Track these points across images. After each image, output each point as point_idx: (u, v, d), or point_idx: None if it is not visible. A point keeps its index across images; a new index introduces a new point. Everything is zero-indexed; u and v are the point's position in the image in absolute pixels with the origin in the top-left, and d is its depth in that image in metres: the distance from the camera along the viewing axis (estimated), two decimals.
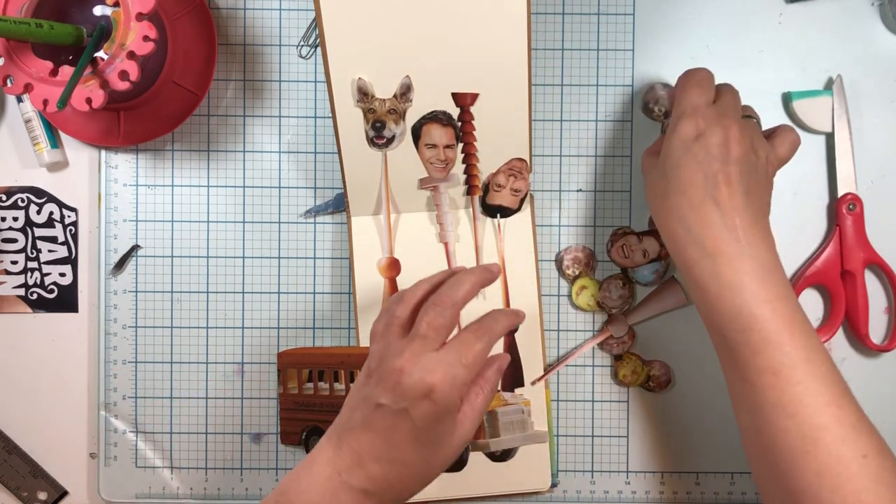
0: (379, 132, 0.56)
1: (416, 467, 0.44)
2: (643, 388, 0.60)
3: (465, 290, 0.46)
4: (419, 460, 0.44)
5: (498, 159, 0.57)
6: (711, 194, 0.46)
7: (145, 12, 0.48)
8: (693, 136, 0.47)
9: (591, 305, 0.59)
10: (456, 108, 0.55)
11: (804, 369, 0.44)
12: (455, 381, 0.43)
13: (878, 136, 0.60)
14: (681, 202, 0.47)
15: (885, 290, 0.60)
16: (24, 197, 0.60)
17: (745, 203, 0.46)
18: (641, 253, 0.57)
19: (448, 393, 0.43)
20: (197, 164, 0.60)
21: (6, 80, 0.48)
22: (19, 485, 0.61)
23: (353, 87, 0.54)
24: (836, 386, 0.44)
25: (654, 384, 0.59)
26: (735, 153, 0.47)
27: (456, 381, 0.43)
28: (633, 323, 0.59)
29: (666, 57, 0.60)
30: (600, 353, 0.60)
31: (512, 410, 0.58)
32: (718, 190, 0.46)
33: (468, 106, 0.55)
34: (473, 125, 0.56)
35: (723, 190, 0.46)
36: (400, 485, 0.44)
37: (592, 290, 0.59)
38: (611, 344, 0.59)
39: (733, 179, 0.46)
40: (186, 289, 0.60)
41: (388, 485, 0.44)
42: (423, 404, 0.43)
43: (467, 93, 0.55)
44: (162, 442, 0.61)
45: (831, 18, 0.60)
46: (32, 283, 0.61)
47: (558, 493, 0.61)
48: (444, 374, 0.43)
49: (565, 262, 0.59)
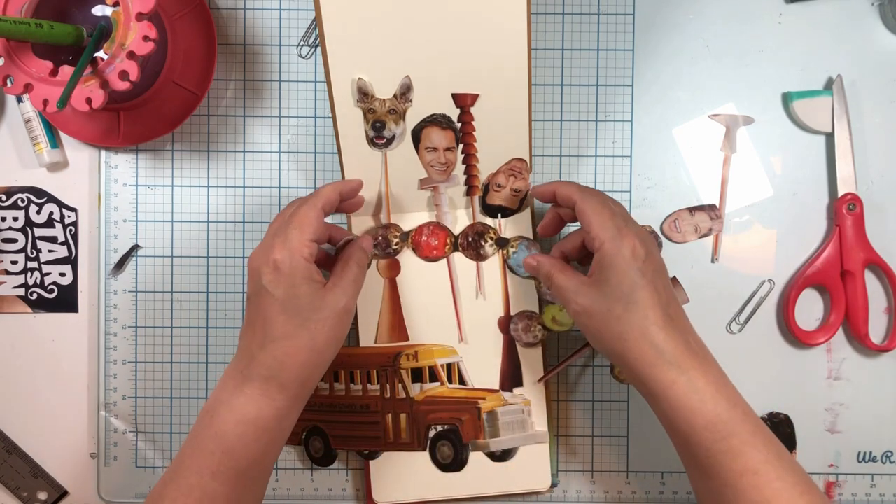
0: (379, 132, 0.56)
1: (297, 337, 0.48)
2: None
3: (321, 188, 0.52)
4: (296, 328, 0.48)
5: (498, 159, 0.57)
6: (668, 313, 0.47)
7: (145, 12, 0.48)
8: (640, 259, 0.47)
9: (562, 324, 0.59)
10: (456, 108, 0.55)
11: (779, 465, 0.46)
12: (289, 244, 0.48)
13: (878, 136, 0.60)
14: (645, 325, 0.47)
15: (885, 290, 0.60)
16: (24, 197, 0.60)
17: (684, 315, 0.49)
18: None
19: (288, 256, 0.48)
20: (197, 164, 0.60)
21: (6, 80, 0.48)
22: (19, 485, 0.61)
23: (353, 87, 0.54)
24: (802, 474, 0.46)
25: None
26: (662, 269, 0.49)
27: (290, 242, 0.48)
28: None
29: (666, 57, 0.60)
30: (600, 354, 0.60)
31: (512, 410, 0.58)
32: (670, 307, 0.48)
33: (468, 107, 0.55)
34: (473, 126, 0.56)
35: (672, 307, 0.48)
36: (289, 359, 0.48)
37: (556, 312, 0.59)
38: None
39: (671, 296, 0.48)
40: (186, 289, 0.60)
41: (279, 364, 0.48)
42: (271, 275, 0.48)
43: (467, 94, 0.55)
44: (162, 442, 0.61)
45: (831, 18, 0.60)
46: (32, 283, 0.61)
47: (558, 493, 0.61)
48: (279, 244, 0.48)
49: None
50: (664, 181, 0.60)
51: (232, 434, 0.47)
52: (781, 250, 0.60)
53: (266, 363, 0.48)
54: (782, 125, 0.60)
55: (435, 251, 0.58)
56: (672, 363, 0.46)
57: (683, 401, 0.46)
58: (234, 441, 0.47)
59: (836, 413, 0.60)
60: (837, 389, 0.60)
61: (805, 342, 0.60)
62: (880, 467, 0.61)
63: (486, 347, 0.59)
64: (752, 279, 0.60)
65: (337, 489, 0.61)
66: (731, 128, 0.60)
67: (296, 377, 0.48)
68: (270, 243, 0.49)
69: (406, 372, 0.58)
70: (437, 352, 0.59)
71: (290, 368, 0.48)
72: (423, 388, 0.58)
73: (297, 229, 0.48)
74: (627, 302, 0.47)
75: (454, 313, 0.59)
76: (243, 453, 0.47)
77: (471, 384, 0.59)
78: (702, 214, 0.60)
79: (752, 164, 0.60)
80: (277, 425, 0.49)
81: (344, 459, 0.61)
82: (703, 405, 0.46)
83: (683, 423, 0.47)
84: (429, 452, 0.59)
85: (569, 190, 0.51)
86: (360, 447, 0.59)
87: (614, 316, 0.47)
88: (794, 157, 0.60)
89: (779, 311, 0.60)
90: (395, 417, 0.58)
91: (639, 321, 0.47)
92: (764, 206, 0.60)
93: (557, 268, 0.52)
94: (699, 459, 0.47)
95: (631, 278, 0.47)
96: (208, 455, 0.47)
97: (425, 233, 0.58)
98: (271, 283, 0.48)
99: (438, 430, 0.58)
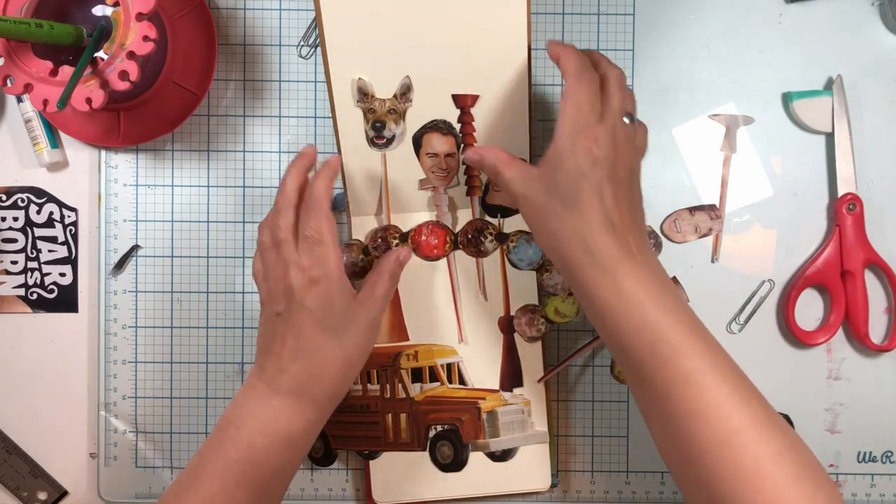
0: (379, 132, 0.56)
1: (331, 353, 0.48)
2: None
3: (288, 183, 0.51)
4: (331, 345, 0.48)
5: None
6: (609, 216, 0.46)
7: (145, 12, 0.48)
8: (589, 161, 0.46)
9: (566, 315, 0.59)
10: (456, 109, 0.55)
11: (713, 374, 0.43)
12: (325, 260, 0.48)
13: (878, 136, 0.60)
14: (580, 226, 0.46)
15: (885, 290, 0.60)
16: (24, 197, 0.60)
17: (633, 220, 0.47)
18: None
19: (325, 273, 0.48)
20: (197, 164, 0.60)
21: (6, 80, 0.48)
22: (19, 485, 0.61)
23: (353, 87, 0.54)
24: (743, 386, 0.44)
25: None
26: (622, 175, 0.47)
27: (326, 259, 0.48)
28: None
29: (666, 57, 0.60)
30: (600, 354, 0.60)
31: (512, 410, 0.58)
32: (613, 212, 0.46)
33: (468, 107, 0.55)
34: (474, 126, 0.56)
35: (616, 212, 0.46)
36: (324, 375, 0.48)
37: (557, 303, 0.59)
38: None
39: (623, 201, 0.46)
40: (186, 289, 0.60)
41: (311, 378, 0.48)
42: (311, 291, 0.48)
43: (467, 94, 0.55)
44: (162, 442, 0.61)
45: (831, 18, 0.60)
46: (32, 283, 0.61)
47: (558, 493, 0.61)
48: (312, 260, 0.48)
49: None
50: (664, 181, 0.60)
51: (260, 445, 0.47)
52: (781, 250, 0.60)
53: (298, 376, 0.48)
54: (782, 125, 0.60)
55: (435, 250, 0.58)
56: (600, 265, 0.45)
57: (609, 302, 0.45)
58: (261, 453, 0.47)
59: (836, 413, 0.60)
60: (837, 389, 0.60)
61: (805, 342, 0.60)
62: (880, 467, 0.61)
63: (486, 347, 0.59)
64: (752, 279, 0.60)
65: (337, 489, 0.61)
66: (731, 128, 0.60)
67: (327, 390, 0.49)
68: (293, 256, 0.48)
69: (406, 372, 0.58)
70: (437, 352, 0.59)
71: (323, 382, 0.48)
72: (423, 388, 0.58)
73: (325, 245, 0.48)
74: (566, 202, 0.46)
75: (454, 313, 0.59)
76: (270, 464, 0.47)
77: (471, 384, 0.59)
78: (702, 214, 0.60)
79: (752, 164, 0.60)
80: (305, 438, 0.49)
81: (344, 459, 0.61)
82: (628, 307, 0.44)
83: (610, 326, 0.45)
84: (429, 452, 0.59)
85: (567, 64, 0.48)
86: (360, 447, 0.59)
87: (553, 213, 0.46)
88: (794, 157, 0.60)
89: (779, 311, 0.60)
90: (395, 417, 0.58)
91: (574, 222, 0.46)
92: (764, 206, 0.60)
93: (503, 160, 0.50)
94: (630, 366, 0.46)
95: (574, 179, 0.45)
96: (233, 465, 0.47)
97: (424, 232, 0.58)
98: (307, 297, 0.48)
99: (438, 430, 0.58)
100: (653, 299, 0.45)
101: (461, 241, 0.58)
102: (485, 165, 0.51)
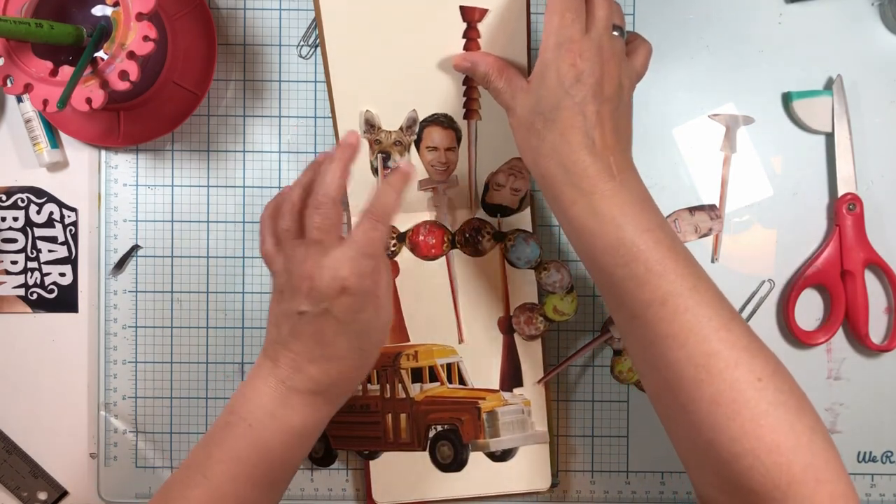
0: (384, 164, 0.56)
1: (351, 358, 0.47)
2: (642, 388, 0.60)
3: (335, 179, 0.47)
4: (352, 351, 0.47)
5: (498, 159, 0.57)
6: (590, 135, 0.44)
7: (145, 12, 0.48)
8: (572, 76, 0.44)
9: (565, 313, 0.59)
10: (462, 23, 0.52)
11: (691, 297, 0.42)
12: (363, 272, 0.45)
13: (878, 136, 0.60)
14: (559, 144, 0.45)
15: (885, 290, 0.60)
16: (24, 197, 0.60)
17: (616, 140, 0.45)
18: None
19: (360, 284, 0.45)
20: (197, 164, 0.60)
21: (6, 80, 0.48)
22: (19, 485, 0.61)
23: (360, 118, 0.55)
24: (725, 311, 0.43)
25: None
26: (608, 92, 0.45)
27: (364, 271, 0.45)
28: None
29: (666, 57, 0.60)
30: (600, 354, 0.60)
31: (512, 410, 0.58)
32: (594, 131, 0.45)
33: (475, 21, 0.53)
34: (479, 43, 0.53)
35: (598, 131, 0.45)
36: (341, 377, 0.47)
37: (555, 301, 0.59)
38: (613, 339, 0.59)
39: (606, 119, 0.45)
40: (186, 289, 0.60)
41: (330, 381, 0.47)
42: (341, 300, 0.45)
43: (475, 7, 0.51)
44: (162, 442, 0.61)
45: (831, 18, 0.60)
46: (32, 283, 0.61)
47: (558, 493, 0.61)
48: (351, 268, 0.45)
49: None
50: (664, 181, 0.60)
51: (277, 445, 0.47)
52: (781, 250, 0.60)
53: (317, 379, 0.47)
54: (782, 125, 0.60)
55: (433, 250, 0.58)
56: (576, 185, 0.44)
57: (584, 222, 0.44)
58: (278, 451, 0.47)
59: (836, 413, 0.60)
60: (837, 389, 0.60)
61: (805, 342, 0.60)
62: (880, 467, 0.61)
63: (486, 347, 0.59)
64: (752, 279, 0.60)
65: (337, 489, 0.61)
66: (731, 128, 0.60)
67: (344, 391, 0.49)
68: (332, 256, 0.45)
69: (406, 372, 0.58)
70: (437, 352, 0.59)
71: (341, 385, 0.48)
72: (423, 388, 0.58)
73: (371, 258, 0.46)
74: (547, 119, 0.45)
75: (454, 313, 0.59)
76: (283, 460, 0.47)
77: (471, 384, 0.59)
78: (702, 214, 0.60)
79: (752, 164, 0.60)
80: (317, 432, 0.49)
81: (344, 459, 0.61)
82: (603, 227, 0.44)
83: (586, 246, 0.45)
84: (429, 452, 0.59)
85: None
86: (360, 447, 0.59)
87: (535, 129, 0.46)
88: (794, 157, 0.60)
89: (779, 311, 0.60)
90: (395, 417, 0.58)
91: (554, 139, 0.45)
92: (764, 206, 0.60)
93: (496, 67, 0.48)
94: (608, 289, 0.45)
95: (557, 96, 0.44)
96: (246, 463, 0.46)
97: (422, 232, 0.58)
98: (337, 307, 0.45)
99: (438, 430, 0.58)
100: (630, 220, 0.43)
101: (459, 241, 0.58)
102: (476, 73, 0.50)
